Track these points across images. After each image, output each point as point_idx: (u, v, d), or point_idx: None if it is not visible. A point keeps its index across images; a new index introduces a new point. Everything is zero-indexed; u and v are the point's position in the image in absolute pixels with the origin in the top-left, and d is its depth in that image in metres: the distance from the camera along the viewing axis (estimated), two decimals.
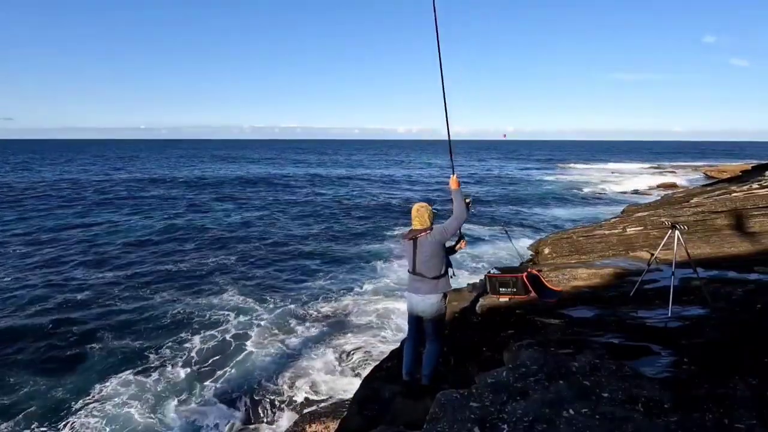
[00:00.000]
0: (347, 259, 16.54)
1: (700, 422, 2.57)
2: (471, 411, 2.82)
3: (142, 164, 68.97)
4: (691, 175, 47.80)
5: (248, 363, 9.29)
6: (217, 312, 11.64)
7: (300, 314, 11.60)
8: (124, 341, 10.11)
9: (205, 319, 11.22)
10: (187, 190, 37.42)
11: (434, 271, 4.09)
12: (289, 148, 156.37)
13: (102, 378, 8.65)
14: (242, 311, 11.72)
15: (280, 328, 10.77)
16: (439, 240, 4.06)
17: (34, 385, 8.39)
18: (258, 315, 11.51)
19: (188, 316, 11.38)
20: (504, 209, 28.22)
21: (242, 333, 10.52)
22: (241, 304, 12.14)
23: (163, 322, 11.09)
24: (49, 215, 24.76)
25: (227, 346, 9.96)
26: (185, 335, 10.39)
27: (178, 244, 18.79)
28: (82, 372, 8.93)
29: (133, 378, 8.64)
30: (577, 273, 7.03)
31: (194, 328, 10.76)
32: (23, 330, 10.56)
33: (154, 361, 9.32)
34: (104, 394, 8.15)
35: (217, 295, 12.80)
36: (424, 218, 4.12)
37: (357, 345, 9.79)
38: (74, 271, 14.97)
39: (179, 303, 12.24)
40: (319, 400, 7.95)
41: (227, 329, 10.72)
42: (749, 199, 12.24)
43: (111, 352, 9.66)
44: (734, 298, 5.24)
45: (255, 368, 9.08)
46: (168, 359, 9.38)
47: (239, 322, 11.06)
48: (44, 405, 7.87)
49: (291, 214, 26.14)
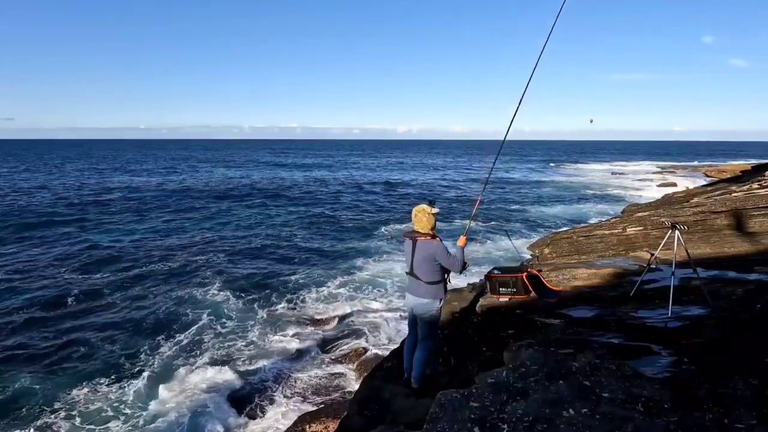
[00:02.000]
0: (345, 258, 16.53)
1: (700, 422, 2.57)
2: (471, 411, 2.82)
3: (140, 165, 68.97)
4: (691, 175, 47.80)
5: (248, 363, 9.26)
6: (211, 312, 11.59)
7: (298, 314, 11.59)
8: (114, 343, 10.04)
9: (199, 320, 11.15)
10: (186, 192, 37.41)
11: (429, 276, 4.08)
12: (288, 149, 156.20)
13: (89, 379, 8.62)
14: (238, 311, 11.71)
15: (278, 327, 10.76)
16: (435, 255, 4.04)
17: (18, 387, 8.32)
18: (255, 315, 11.51)
19: (179, 317, 11.31)
20: (504, 209, 28.21)
21: (241, 333, 10.51)
22: (236, 304, 12.12)
23: (155, 323, 11.03)
24: (42, 215, 24.75)
25: (224, 346, 9.94)
26: (178, 336, 10.33)
27: (171, 244, 18.76)
28: (70, 373, 8.86)
29: (122, 379, 8.61)
30: (577, 273, 7.03)
31: (188, 328, 10.70)
32: (7, 331, 10.53)
33: (146, 361, 9.27)
34: (92, 395, 8.12)
35: (212, 295, 12.76)
36: (423, 222, 4.09)
37: (356, 345, 9.78)
38: (62, 271, 14.97)
39: (169, 304, 12.14)
40: (318, 400, 7.94)
41: (225, 329, 10.71)
42: (749, 199, 12.25)
43: (97, 353, 9.60)
44: (734, 298, 5.24)
45: (254, 368, 9.06)
46: (159, 360, 9.32)
47: (236, 322, 11.05)
48: (27, 407, 7.80)
49: (285, 215, 26.14)
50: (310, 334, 10.47)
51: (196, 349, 9.80)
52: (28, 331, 10.50)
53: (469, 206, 28.44)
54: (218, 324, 10.99)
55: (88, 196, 32.46)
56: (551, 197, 34.09)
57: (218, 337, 10.31)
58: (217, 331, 10.61)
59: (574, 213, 26.80)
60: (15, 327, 10.73)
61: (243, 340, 10.20)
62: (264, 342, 10.12)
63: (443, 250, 4.02)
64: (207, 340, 10.16)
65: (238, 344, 10.01)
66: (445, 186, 42.40)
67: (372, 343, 9.85)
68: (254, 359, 9.36)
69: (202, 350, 9.74)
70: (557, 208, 29.23)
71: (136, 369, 9.02)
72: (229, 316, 11.39)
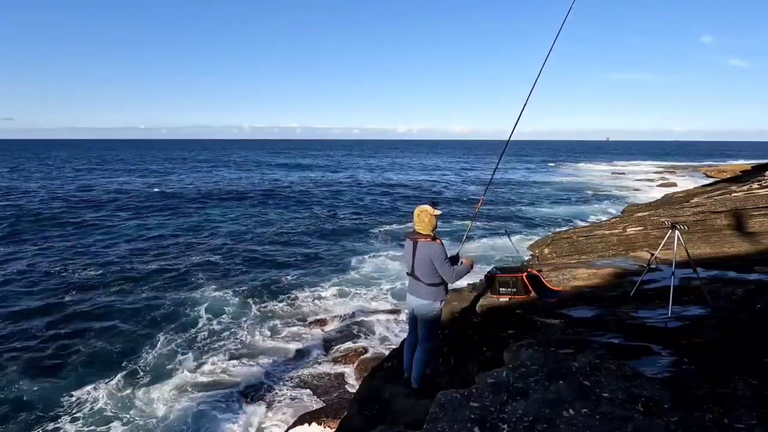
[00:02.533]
0: (345, 259, 16.53)
1: (700, 422, 2.57)
2: (471, 411, 2.82)
3: (139, 165, 68.96)
4: (691, 175, 47.81)
5: (248, 363, 9.26)
6: (211, 312, 11.62)
7: (297, 314, 11.60)
8: (114, 344, 10.06)
9: (197, 321, 11.17)
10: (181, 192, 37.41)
11: (430, 278, 4.06)
12: (288, 149, 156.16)
13: (91, 379, 8.63)
14: (237, 312, 11.71)
15: (277, 328, 10.77)
16: (433, 259, 3.99)
17: (17, 390, 8.32)
18: (255, 315, 11.51)
19: (177, 318, 11.32)
20: (504, 209, 28.22)
21: (241, 333, 10.51)
22: (236, 305, 12.14)
23: (151, 325, 11.05)
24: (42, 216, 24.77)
25: (223, 347, 9.95)
26: (176, 338, 10.34)
27: (169, 244, 18.77)
28: (71, 374, 8.89)
29: (122, 380, 8.62)
30: (577, 273, 7.02)
31: (186, 330, 10.72)
32: (4, 333, 10.52)
33: (144, 363, 9.29)
34: (93, 395, 8.14)
35: (212, 297, 12.77)
36: (424, 223, 4.04)
37: (356, 345, 9.78)
38: (58, 272, 14.97)
39: (166, 305, 12.14)
40: (318, 400, 7.94)
41: (224, 329, 10.71)
42: (749, 199, 12.26)
43: (96, 354, 9.63)
44: (734, 298, 5.24)
45: (254, 368, 9.06)
46: (158, 361, 9.33)
47: (236, 323, 11.06)
48: (26, 410, 7.80)
49: (284, 215, 26.13)
50: (310, 334, 10.47)
51: (195, 349, 9.80)
52: (24, 333, 10.49)
53: (468, 207, 28.44)
54: (218, 324, 10.99)
55: (84, 196, 32.47)
56: (551, 197, 34.10)
57: (217, 338, 10.31)
58: (217, 332, 10.60)
59: (574, 213, 26.80)
60: (12, 329, 10.71)
61: (242, 340, 10.20)
62: (263, 342, 10.12)
63: (441, 254, 3.97)
64: (206, 341, 10.16)
65: (238, 345, 10.00)
66: (445, 186, 42.42)
67: (372, 343, 9.86)
68: (254, 360, 9.35)
69: (201, 351, 9.74)
70: (557, 208, 29.24)
71: (134, 369, 9.01)
72: (229, 317, 11.39)
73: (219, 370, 8.98)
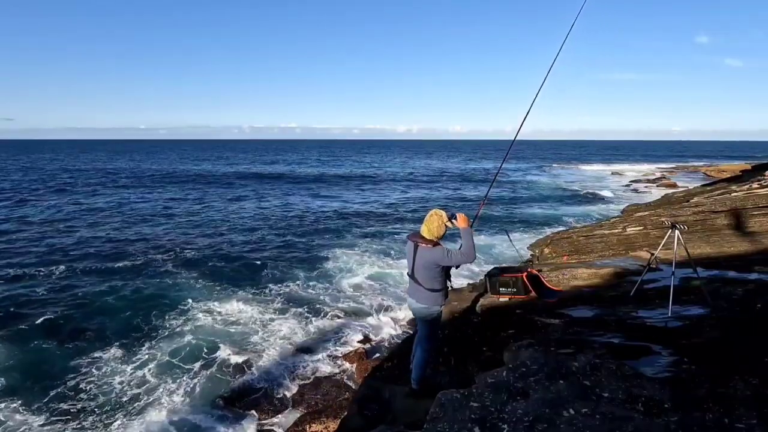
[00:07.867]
0: (344, 259, 16.51)
1: (700, 422, 2.57)
2: (471, 411, 2.82)
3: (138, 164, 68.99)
4: (691, 175, 47.80)
5: (247, 363, 9.23)
6: (210, 313, 11.55)
7: (297, 313, 11.56)
8: (109, 340, 10.01)
9: (196, 321, 11.09)
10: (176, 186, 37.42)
11: (430, 283, 4.03)
12: (288, 149, 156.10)
13: (84, 376, 8.61)
14: (237, 312, 11.65)
15: (276, 327, 10.73)
16: (436, 261, 3.92)
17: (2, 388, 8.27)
18: (254, 314, 11.47)
19: (176, 319, 11.20)
20: (504, 209, 28.20)
21: (240, 333, 10.49)
22: (236, 305, 12.04)
23: (145, 321, 10.95)
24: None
25: (222, 346, 9.91)
26: (174, 337, 10.24)
27: (166, 245, 18.70)
28: (67, 368, 8.85)
29: (123, 381, 8.56)
30: (577, 273, 7.03)
31: (184, 328, 10.63)
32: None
33: (140, 360, 9.22)
34: (89, 394, 8.11)
35: (211, 297, 12.72)
36: (433, 226, 3.95)
37: (356, 345, 9.77)
38: (50, 268, 14.97)
39: (164, 306, 11.96)
40: (318, 400, 7.93)
41: (224, 330, 10.68)
42: (749, 199, 12.26)
43: (94, 350, 9.56)
44: (734, 298, 5.24)
45: (253, 368, 9.04)
46: (157, 361, 9.25)
47: (236, 323, 11.03)
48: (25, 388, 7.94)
49: (282, 215, 26.14)
50: (310, 334, 10.45)
51: (195, 349, 9.76)
52: (13, 332, 10.43)
53: (468, 207, 28.42)
54: (217, 325, 10.96)
55: (80, 197, 32.46)
56: (551, 197, 34.08)
57: (216, 338, 10.27)
58: (217, 332, 10.57)
59: (574, 213, 26.79)
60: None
61: (242, 340, 10.17)
62: (263, 342, 10.08)
63: (444, 254, 3.91)
64: (205, 341, 10.12)
65: (237, 345, 9.97)
66: (444, 186, 42.42)
67: (372, 343, 9.85)
68: (253, 359, 9.33)
69: (200, 351, 9.70)
70: (557, 208, 29.22)
71: (133, 369, 8.97)
72: (229, 317, 11.35)
73: (217, 369, 8.96)
